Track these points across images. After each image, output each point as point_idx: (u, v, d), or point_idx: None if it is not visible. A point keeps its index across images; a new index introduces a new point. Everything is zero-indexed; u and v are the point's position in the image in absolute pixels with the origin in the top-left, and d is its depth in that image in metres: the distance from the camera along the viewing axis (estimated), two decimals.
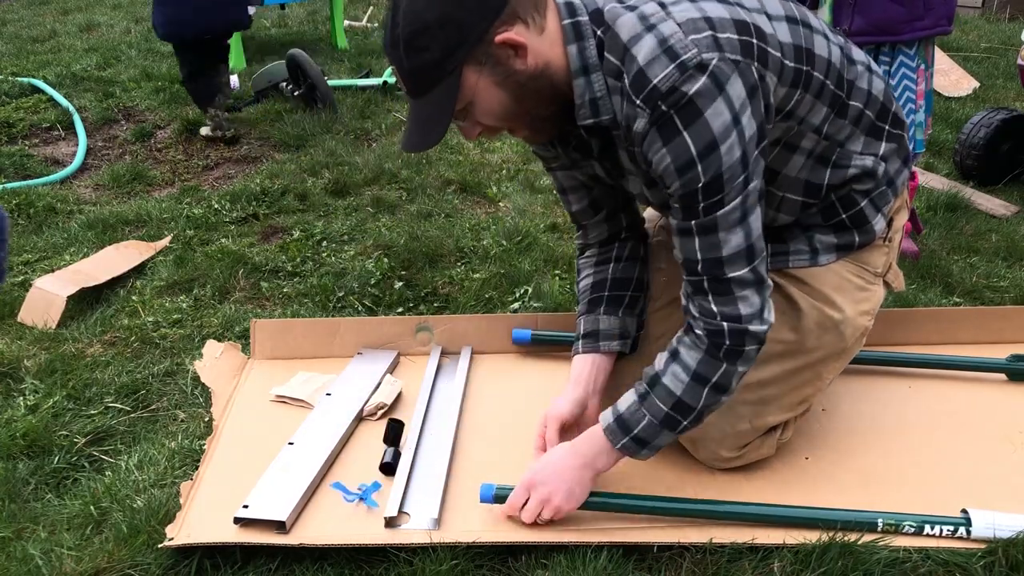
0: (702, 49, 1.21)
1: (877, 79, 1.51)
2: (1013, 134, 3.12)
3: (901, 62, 2.40)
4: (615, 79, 1.28)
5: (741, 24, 1.27)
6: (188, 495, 1.60)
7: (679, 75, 1.21)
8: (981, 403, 1.90)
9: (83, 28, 6.41)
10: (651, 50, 1.22)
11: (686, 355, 1.40)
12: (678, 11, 1.26)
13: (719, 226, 1.31)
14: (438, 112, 1.29)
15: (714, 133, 1.23)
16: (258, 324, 2.13)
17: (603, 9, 1.29)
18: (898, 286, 1.69)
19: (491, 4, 1.23)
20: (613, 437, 1.46)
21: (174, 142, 3.98)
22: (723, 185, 1.27)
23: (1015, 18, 5.96)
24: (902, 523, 1.47)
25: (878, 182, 1.52)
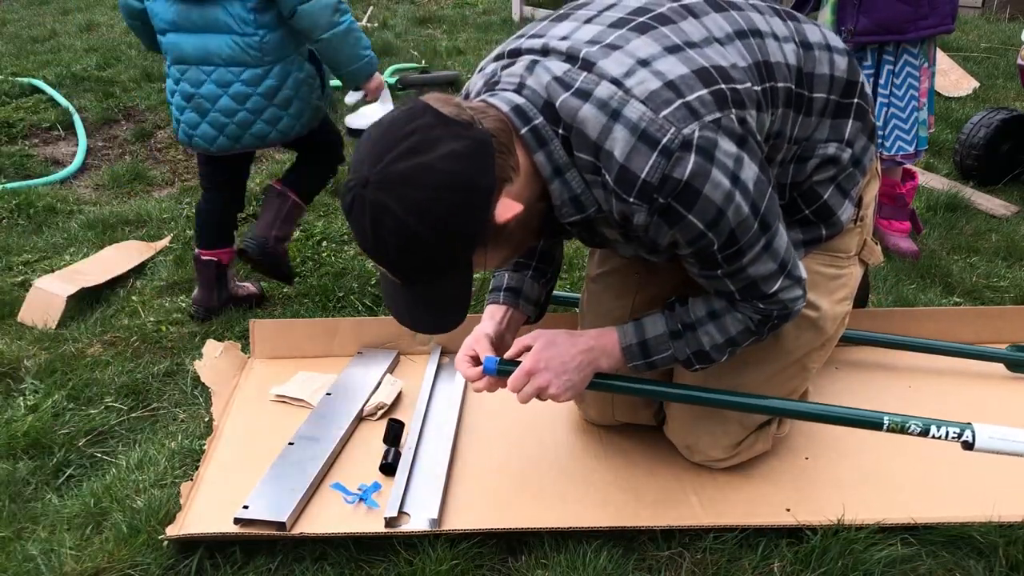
0: (679, 124, 1.15)
1: (838, 56, 1.41)
2: (1013, 134, 3.12)
3: (906, 61, 2.40)
4: (593, 174, 1.22)
5: (702, 73, 1.20)
6: (188, 495, 1.60)
7: (666, 162, 1.15)
8: (981, 403, 1.90)
9: (83, 28, 6.41)
10: (626, 143, 1.16)
11: (731, 324, 1.39)
12: (636, 85, 1.18)
13: (745, 266, 1.30)
14: (455, 299, 1.26)
15: (718, 205, 1.19)
16: (257, 324, 2.13)
17: (554, 103, 1.20)
18: (875, 260, 1.66)
19: (482, 193, 1.15)
20: (629, 355, 1.43)
21: (174, 142, 3.98)
22: (738, 239, 1.25)
23: (1015, 18, 5.96)
24: (907, 423, 1.46)
25: (842, 167, 1.45)
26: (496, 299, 1.61)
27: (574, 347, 1.42)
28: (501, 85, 1.26)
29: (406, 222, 1.12)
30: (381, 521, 1.54)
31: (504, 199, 1.17)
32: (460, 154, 1.12)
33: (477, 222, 1.16)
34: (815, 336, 1.56)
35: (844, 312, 1.60)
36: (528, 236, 1.32)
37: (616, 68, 1.19)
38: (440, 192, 1.12)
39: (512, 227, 1.20)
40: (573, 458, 1.73)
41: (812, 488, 1.62)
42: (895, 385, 1.96)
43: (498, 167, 1.16)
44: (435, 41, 5.59)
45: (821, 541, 1.46)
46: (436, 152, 1.11)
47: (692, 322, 1.41)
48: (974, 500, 1.55)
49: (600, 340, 1.44)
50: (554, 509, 1.58)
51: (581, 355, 1.42)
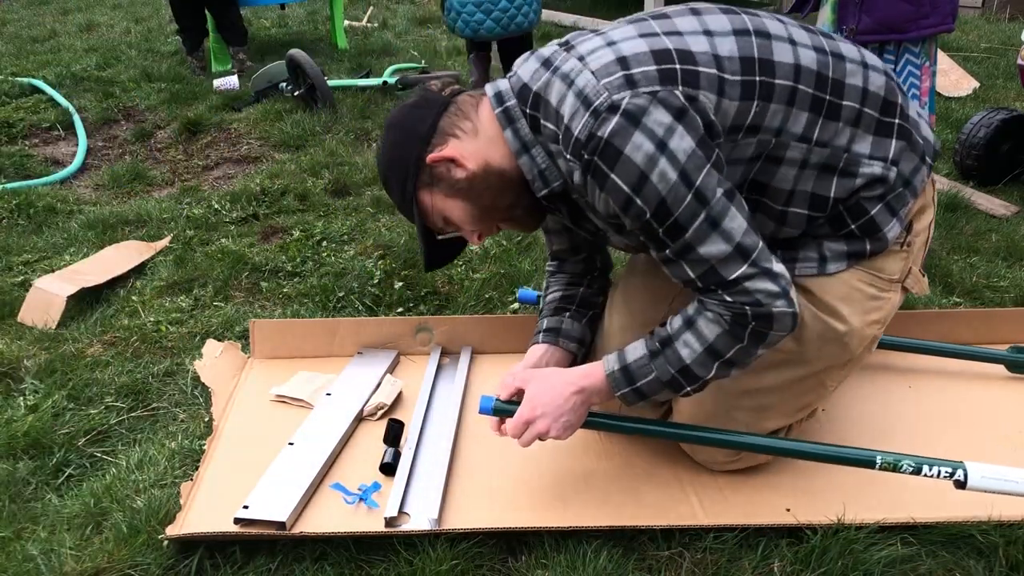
0: (612, 91, 1.26)
1: (875, 73, 1.44)
2: (1013, 134, 3.12)
3: (907, 60, 2.40)
4: (555, 143, 1.35)
5: (660, 53, 1.30)
6: (188, 495, 1.60)
7: (593, 121, 1.26)
8: (981, 403, 1.90)
9: (83, 28, 6.42)
10: (572, 105, 1.29)
11: (704, 327, 1.38)
12: (593, 59, 1.31)
13: (693, 244, 1.31)
14: (421, 235, 1.49)
15: (639, 166, 1.25)
16: (257, 324, 2.13)
17: (528, 84, 1.38)
18: (919, 290, 1.62)
19: (418, 134, 1.40)
20: (615, 384, 1.46)
21: (174, 142, 3.98)
22: (670, 209, 1.28)
23: (1015, 18, 5.96)
24: (900, 462, 1.47)
25: (890, 186, 1.45)
26: (536, 340, 1.72)
27: (565, 387, 1.48)
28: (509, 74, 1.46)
29: (377, 159, 1.49)
30: (381, 521, 1.54)
31: (442, 147, 1.39)
32: (408, 107, 1.44)
33: (409, 157, 1.41)
34: (839, 351, 1.54)
35: (873, 336, 1.57)
36: (486, 201, 1.43)
37: (587, 47, 1.35)
38: (387, 131, 1.46)
39: (457, 178, 1.40)
40: (573, 458, 1.73)
41: (812, 488, 1.62)
42: (895, 385, 1.97)
43: (444, 122, 1.40)
44: (435, 41, 5.60)
45: (821, 541, 1.46)
46: (400, 107, 1.46)
47: (669, 335, 1.41)
48: (974, 500, 1.54)
49: (588, 378, 1.49)
50: (554, 509, 1.58)
51: (574, 396, 1.47)
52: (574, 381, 1.48)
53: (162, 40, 5.86)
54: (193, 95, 4.49)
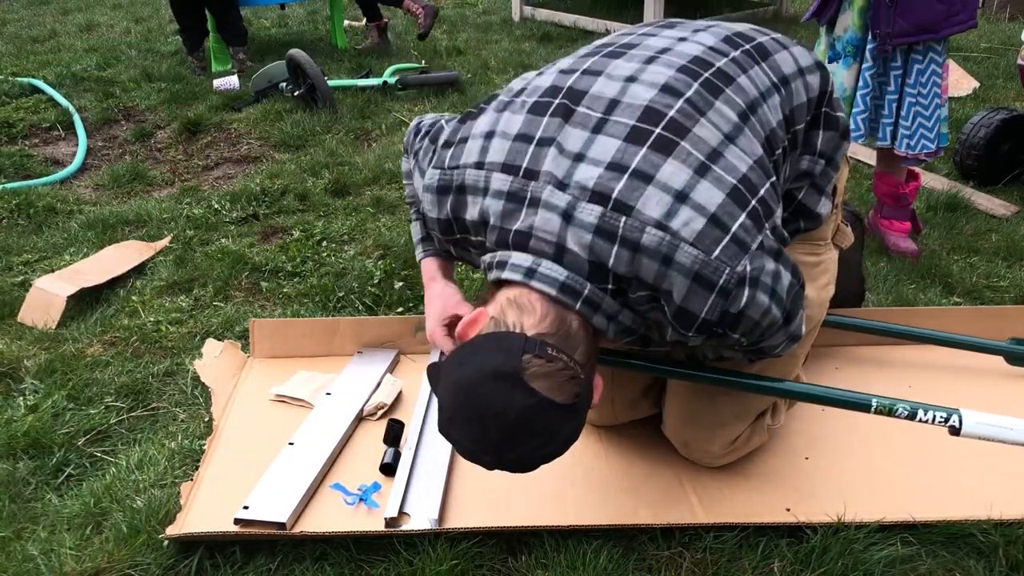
0: (732, 261, 1.17)
1: (810, 76, 1.42)
2: (1013, 134, 3.12)
3: (931, 59, 2.39)
4: (650, 303, 1.24)
5: (735, 194, 1.20)
6: (188, 495, 1.60)
7: (724, 300, 1.18)
8: (981, 402, 1.89)
9: (83, 28, 6.41)
10: (682, 286, 1.18)
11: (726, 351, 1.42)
12: (682, 227, 1.17)
13: (762, 346, 1.34)
14: None
15: (756, 320, 1.23)
16: (257, 324, 2.13)
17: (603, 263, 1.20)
18: (846, 243, 1.70)
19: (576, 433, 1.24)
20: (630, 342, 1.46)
21: (174, 142, 3.98)
22: (764, 336, 1.29)
23: (1015, 18, 5.96)
24: (895, 406, 1.47)
25: (814, 175, 1.48)
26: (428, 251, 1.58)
27: None
28: (535, 243, 1.23)
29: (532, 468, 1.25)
30: (381, 521, 1.54)
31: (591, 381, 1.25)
32: (576, 429, 1.23)
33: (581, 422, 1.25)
34: None
35: (828, 297, 1.64)
36: None
37: (656, 209, 1.18)
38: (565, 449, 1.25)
39: None
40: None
41: (812, 488, 1.62)
42: (895, 385, 1.96)
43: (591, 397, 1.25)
44: (435, 41, 5.60)
45: (821, 541, 1.46)
46: (561, 436, 1.21)
47: None
48: (974, 499, 1.55)
49: None
50: (554, 509, 1.58)
51: None
52: None
53: (162, 40, 5.86)
54: (193, 95, 4.49)
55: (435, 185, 1.35)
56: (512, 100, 1.35)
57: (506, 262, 1.25)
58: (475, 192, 1.30)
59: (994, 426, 1.44)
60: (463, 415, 1.19)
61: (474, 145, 1.32)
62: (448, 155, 1.35)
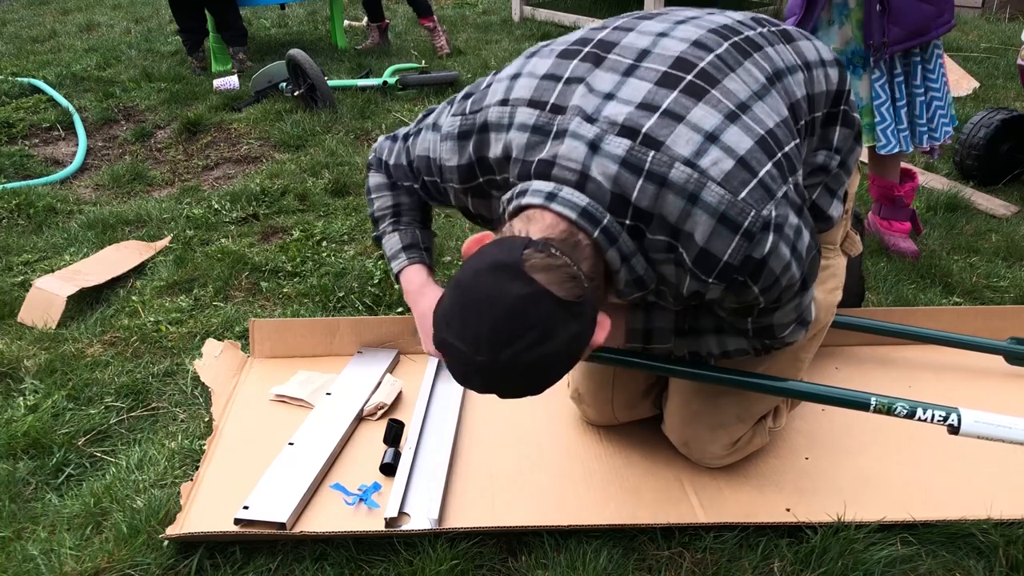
0: (758, 205, 1.16)
1: (830, 68, 1.42)
2: (1013, 134, 3.12)
3: (935, 54, 2.44)
4: (664, 252, 1.22)
5: (763, 144, 1.20)
6: (188, 495, 1.60)
7: (748, 244, 1.17)
8: (981, 402, 1.89)
9: (83, 28, 6.42)
10: (707, 226, 1.16)
11: (731, 342, 1.43)
12: (711, 166, 1.16)
13: (773, 317, 1.33)
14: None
15: (776, 274, 1.22)
16: (257, 324, 2.13)
17: (626, 196, 1.18)
18: (855, 251, 1.70)
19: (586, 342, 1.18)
20: (631, 338, 1.48)
21: (174, 142, 3.98)
22: (781, 299, 1.28)
23: (1015, 18, 5.96)
24: (894, 405, 1.47)
25: (830, 173, 1.48)
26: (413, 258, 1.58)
27: None
28: (558, 170, 1.21)
29: (526, 389, 1.18)
30: (381, 521, 1.54)
31: (599, 323, 1.21)
32: (578, 335, 1.15)
33: (583, 345, 1.19)
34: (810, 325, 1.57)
35: (835, 302, 1.64)
36: None
37: (685, 147, 1.17)
38: (561, 368, 1.18)
39: None
40: (573, 458, 1.73)
41: (812, 488, 1.62)
42: (895, 384, 1.96)
43: (596, 318, 1.20)
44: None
45: (821, 541, 1.46)
46: (558, 339, 1.13)
47: (698, 328, 1.45)
48: (974, 499, 1.55)
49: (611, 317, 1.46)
50: (554, 509, 1.58)
51: None
52: None
53: (162, 40, 5.86)
54: (193, 95, 4.49)
55: (456, 131, 1.33)
56: (539, 49, 1.35)
57: (527, 190, 1.21)
58: (499, 128, 1.29)
59: (993, 425, 1.44)
60: (458, 309, 1.14)
61: (499, 87, 1.32)
62: (469, 102, 1.35)
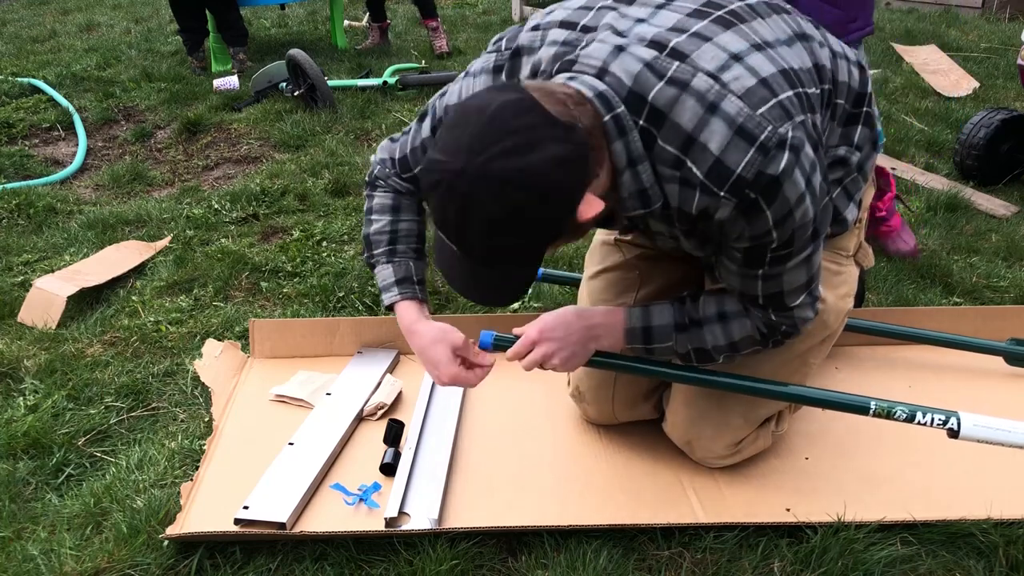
0: (776, 123, 1.17)
1: (853, 67, 1.44)
2: (1013, 134, 3.12)
3: None
4: (671, 168, 1.20)
5: (786, 75, 1.22)
6: (188, 495, 1.60)
7: (763, 158, 1.16)
8: (981, 403, 1.90)
9: (83, 28, 6.42)
10: (723, 136, 1.15)
11: (736, 329, 1.41)
12: (732, 80, 1.17)
13: (784, 272, 1.31)
14: (518, 280, 1.26)
15: (791, 204, 1.20)
16: (257, 324, 2.13)
17: (642, 94, 1.17)
18: (868, 263, 1.69)
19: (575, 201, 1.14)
20: (631, 338, 1.46)
21: (174, 142, 3.98)
22: (793, 241, 1.26)
23: (1015, 18, 5.96)
24: (893, 409, 1.47)
25: (849, 170, 1.48)
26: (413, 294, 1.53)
27: (580, 321, 1.47)
28: (579, 66, 1.22)
29: (497, 220, 1.12)
30: (381, 521, 1.54)
31: (588, 196, 1.16)
32: (563, 160, 1.10)
33: (563, 224, 1.16)
34: (819, 328, 1.57)
35: (846, 309, 1.62)
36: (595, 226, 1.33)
37: (710, 61, 1.18)
38: (537, 198, 1.11)
39: (590, 222, 1.19)
40: (573, 458, 1.73)
41: (812, 488, 1.62)
42: (895, 385, 1.96)
43: (589, 168, 1.15)
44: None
45: (821, 541, 1.46)
46: (539, 154, 1.08)
47: (700, 318, 1.43)
48: (974, 500, 1.55)
49: (607, 318, 1.48)
50: (554, 509, 1.58)
51: (587, 330, 1.46)
52: (590, 317, 1.48)
53: (162, 40, 5.86)
54: (193, 95, 4.49)
55: (491, 66, 1.36)
56: None
57: None
58: (530, 51, 1.31)
59: (992, 428, 1.44)
60: (448, 125, 1.13)
61: (531, 22, 1.35)
62: (504, 40, 1.38)
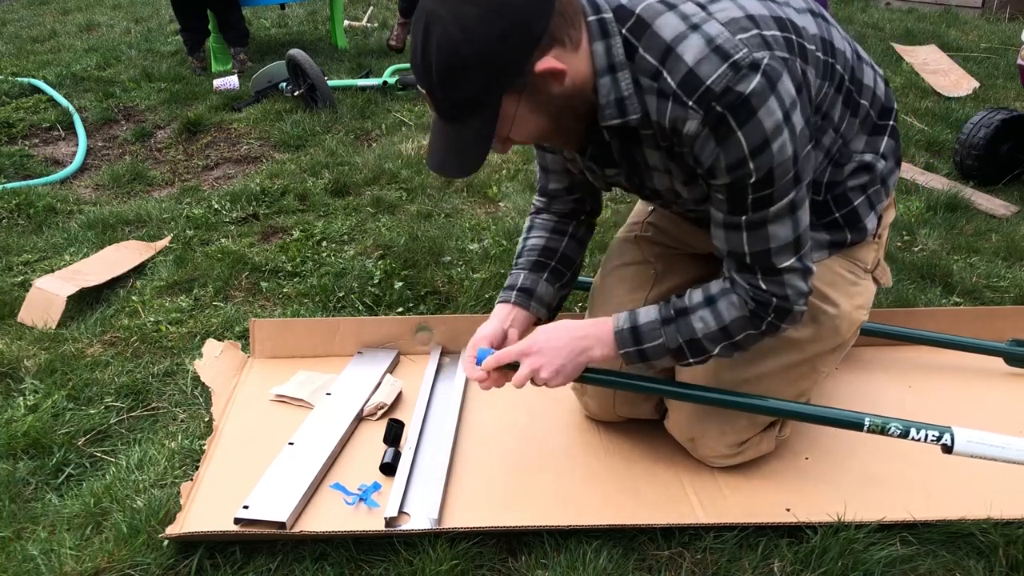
0: (752, 48, 1.20)
1: (880, 79, 1.51)
2: (1013, 134, 3.12)
3: None
4: (650, 79, 1.25)
5: (779, 21, 1.26)
6: (188, 495, 1.60)
7: (733, 74, 1.19)
8: (981, 403, 1.90)
9: (83, 28, 6.42)
10: (699, 50, 1.20)
11: (725, 310, 1.39)
12: (718, 10, 1.24)
13: (768, 221, 1.31)
14: (476, 143, 1.27)
15: (766, 132, 1.22)
16: (257, 323, 2.13)
17: (632, 7, 1.25)
18: (885, 282, 1.70)
19: (531, 34, 1.17)
20: (621, 342, 1.45)
21: (174, 142, 3.98)
22: (773, 181, 1.27)
23: (1015, 18, 5.96)
24: (888, 425, 1.47)
25: (874, 178, 1.51)
26: (507, 298, 1.63)
27: (568, 333, 1.45)
28: None
29: (453, 36, 1.15)
30: (381, 521, 1.54)
31: (548, 54, 1.19)
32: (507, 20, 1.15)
33: (518, 59, 1.18)
34: (831, 335, 1.57)
35: (860, 320, 1.61)
36: (563, 121, 1.31)
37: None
38: (492, 14, 1.14)
39: (551, 93, 1.23)
40: (573, 458, 1.73)
41: (812, 488, 1.62)
42: (895, 385, 1.97)
43: (554, 24, 1.18)
44: None
45: (821, 541, 1.46)
46: None
47: (686, 307, 1.42)
48: (974, 500, 1.55)
49: (596, 328, 1.46)
50: (554, 509, 1.58)
51: (575, 341, 1.44)
52: (578, 328, 1.46)
53: (162, 40, 5.86)
54: (193, 95, 4.49)
55: None
56: None
57: None
58: None
59: (986, 444, 1.44)
60: None
61: None
62: None
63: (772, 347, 1.55)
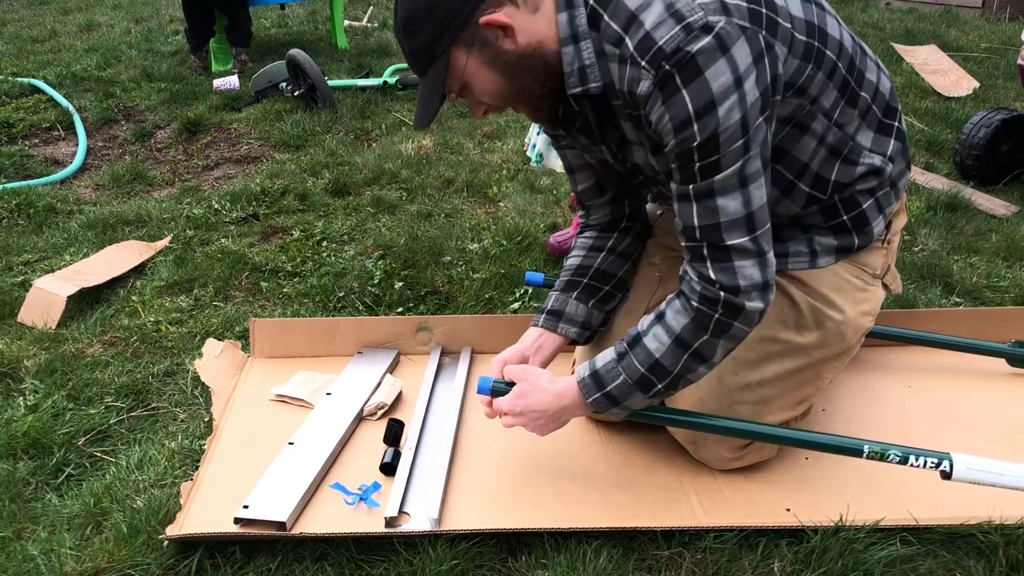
0: (708, 12, 1.22)
1: (885, 78, 1.51)
2: (1013, 134, 3.13)
3: None
4: (614, 46, 1.28)
5: None
6: (188, 495, 1.60)
7: (684, 36, 1.21)
8: (981, 404, 1.90)
9: (83, 28, 6.42)
10: (658, 15, 1.23)
11: (672, 319, 1.38)
12: None
13: (716, 191, 1.30)
14: (432, 91, 1.35)
15: (713, 93, 1.22)
16: (257, 323, 2.13)
17: None
18: (896, 288, 1.69)
19: None
20: (586, 391, 1.46)
21: (174, 142, 3.99)
22: (719, 147, 1.26)
23: (1015, 18, 5.96)
24: (887, 452, 1.47)
25: (883, 182, 1.52)
26: (536, 322, 1.70)
27: (544, 402, 1.50)
28: None
29: None
30: (381, 521, 1.54)
31: (497, 10, 1.27)
32: None
33: (464, 10, 1.27)
34: (836, 341, 1.57)
35: (865, 327, 1.61)
36: (521, 82, 1.34)
37: None
38: None
39: (502, 49, 1.29)
40: (573, 458, 1.73)
41: (812, 488, 1.62)
42: (895, 386, 1.96)
43: None
44: None
45: (821, 541, 1.46)
46: None
47: (639, 332, 1.42)
48: (974, 500, 1.55)
49: (565, 397, 1.50)
50: (554, 509, 1.58)
51: (550, 401, 1.51)
52: (553, 393, 1.50)
53: (162, 40, 5.86)
54: (193, 95, 4.49)
55: None
56: None
57: None
58: None
59: (985, 471, 1.43)
60: None
61: None
62: None
63: (775, 352, 1.55)
